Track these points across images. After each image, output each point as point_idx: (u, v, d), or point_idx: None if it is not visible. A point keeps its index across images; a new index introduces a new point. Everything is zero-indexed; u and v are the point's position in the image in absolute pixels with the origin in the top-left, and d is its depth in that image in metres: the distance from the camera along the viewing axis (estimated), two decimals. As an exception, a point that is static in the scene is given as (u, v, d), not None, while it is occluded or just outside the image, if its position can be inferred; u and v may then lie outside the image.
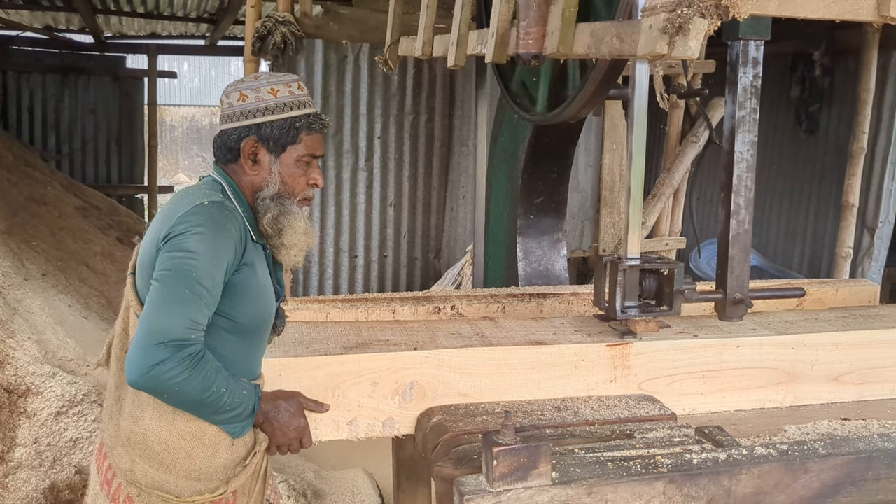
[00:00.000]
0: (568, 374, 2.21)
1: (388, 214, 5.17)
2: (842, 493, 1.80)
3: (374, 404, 2.10)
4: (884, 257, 5.96)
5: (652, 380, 2.27)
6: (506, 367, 2.18)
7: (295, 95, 2.05)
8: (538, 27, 2.13)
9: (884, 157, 5.78)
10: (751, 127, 2.19)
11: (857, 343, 2.42)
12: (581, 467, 1.70)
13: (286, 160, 2.03)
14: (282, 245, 2.03)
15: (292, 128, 2.02)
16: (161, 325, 1.77)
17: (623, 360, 2.25)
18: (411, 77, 5.06)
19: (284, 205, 2.02)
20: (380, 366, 2.11)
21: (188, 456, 1.92)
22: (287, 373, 2.05)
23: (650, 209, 5.32)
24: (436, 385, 2.13)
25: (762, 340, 2.35)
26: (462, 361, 2.15)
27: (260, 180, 2.03)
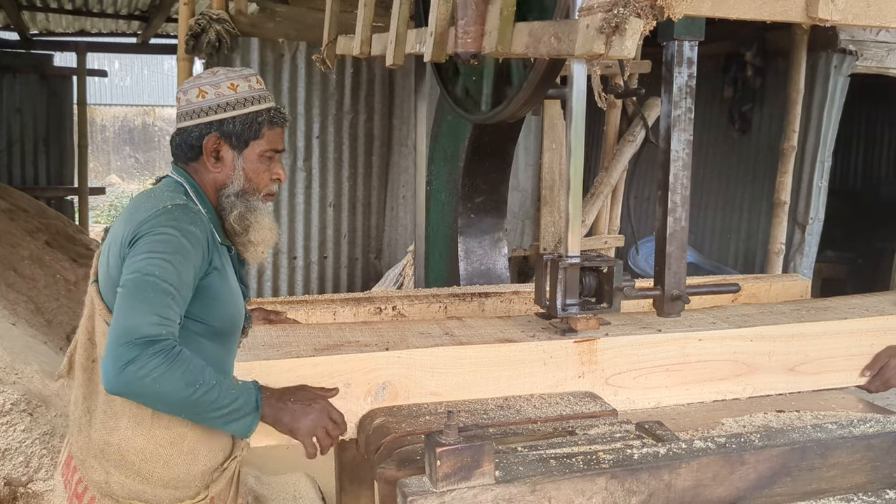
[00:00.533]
0: (537, 370, 2.23)
1: (327, 215, 5.11)
2: (777, 484, 1.84)
3: (346, 406, 2.06)
4: (814, 253, 6.15)
5: (618, 374, 2.30)
6: (476, 365, 2.19)
7: (255, 90, 2.01)
8: (476, 26, 2.13)
9: (813, 156, 5.96)
10: (686, 126, 2.22)
11: (811, 334, 2.49)
12: (524, 465, 1.70)
13: (249, 156, 2.00)
14: (249, 242, 2.00)
15: (254, 123, 1.99)
16: (127, 325, 1.70)
17: (590, 356, 2.27)
18: (350, 76, 5.02)
19: (250, 201, 2.00)
20: (352, 367, 2.09)
21: (166, 464, 1.89)
22: (259, 376, 2.00)
23: (589, 208, 5.39)
24: (408, 385, 2.14)
25: (723, 333, 2.40)
26: (433, 361, 2.16)
27: (223, 178, 1.99)
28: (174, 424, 1.87)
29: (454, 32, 2.22)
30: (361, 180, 5.18)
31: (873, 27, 2.11)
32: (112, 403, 1.87)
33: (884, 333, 2.57)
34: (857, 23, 1.96)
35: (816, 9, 1.89)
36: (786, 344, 2.45)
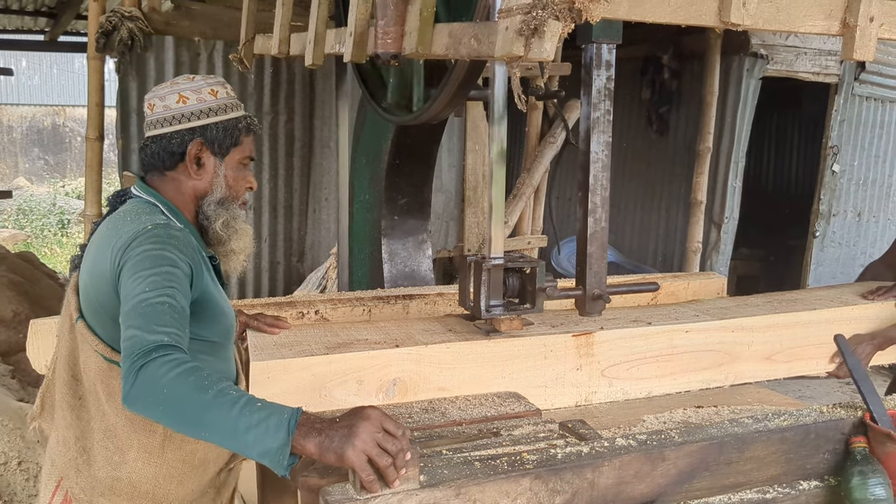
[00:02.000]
0: (539, 364, 2.31)
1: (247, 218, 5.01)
2: (697, 478, 1.88)
3: (359, 402, 2.06)
4: (729, 250, 6.34)
5: (613, 366, 2.40)
6: (481, 360, 2.25)
7: (231, 97, 2.00)
8: (396, 27, 2.11)
9: (728, 156, 6.14)
10: (605, 128, 2.24)
11: (786, 324, 2.65)
12: (449, 468, 1.69)
13: (230, 163, 1.97)
14: (231, 251, 1.97)
15: (235, 129, 1.96)
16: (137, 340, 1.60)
17: (587, 349, 2.37)
18: (269, 76, 4.94)
19: (231, 209, 1.96)
20: (364, 364, 2.13)
21: (180, 482, 1.86)
22: (275, 374, 2.03)
23: (512, 209, 5.42)
24: (417, 380, 2.19)
25: (707, 325, 2.53)
26: (441, 357, 2.21)
27: (205, 185, 1.95)
28: (184, 443, 1.84)
29: (374, 33, 2.19)
30: (282, 182, 5.10)
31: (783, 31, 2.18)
32: (114, 438, 1.81)
33: (849, 322, 2.75)
34: (767, 27, 2.01)
35: (729, 13, 1.93)
36: (763, 334, 2.60)
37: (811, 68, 6.21)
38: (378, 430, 1.52)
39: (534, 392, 2.30)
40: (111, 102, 4.88)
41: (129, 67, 4.59)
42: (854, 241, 7.04)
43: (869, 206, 7.06)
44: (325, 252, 5.15)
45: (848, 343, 2.13)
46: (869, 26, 2.01)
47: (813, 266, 6.80)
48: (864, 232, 7.08)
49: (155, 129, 1.95)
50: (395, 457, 1.53)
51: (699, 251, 6.09)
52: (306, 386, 2.07)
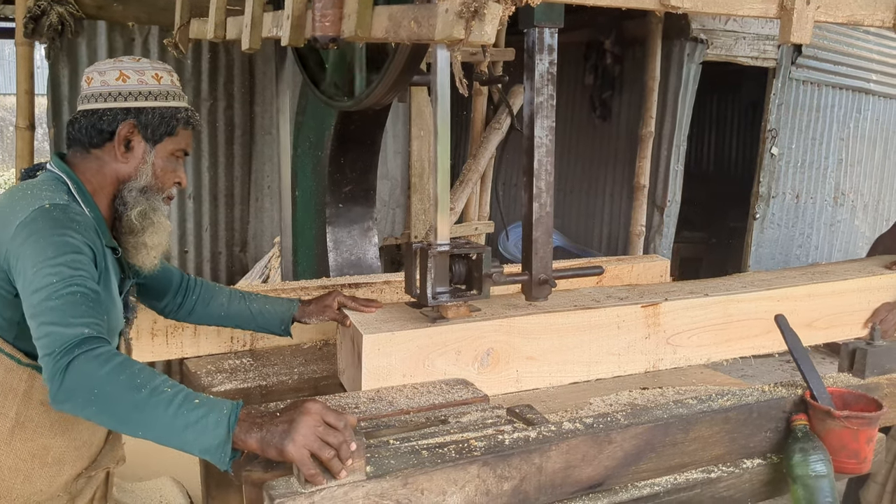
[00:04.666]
0: (612, 333, 2.47)
1: (187, 207, 4.90)
2: (643, 460, 1.89)
3: (457, 371, 2.26)
4: (672, 233, 6.43)
5: (677, 334, 2.57)
6: (563, 330, 2.40)
7: (175, 87, 1.93)
8: (335, 9, 2.06)
9: (670, 141, 6.22)
10: (549, 112, 2.23)
11: (824, 293, 2.88)
12: (396, 458, 1.67)
13: (161, 152, 1.89)
14: (143, 245, 1.88)
15: (173, 118, 1.89)
16: (56, 335, 1.53)
17: (655, 319, 2.53)
18: (207, 61, 4.81)
19: (153, 200, 1.88)
20: (462, 336, 2.27)
21: (27, 479, 1.74)
22: (384, 347, 2.17)
23: (458, 195, 5.41)
24: (507, 350, 2.32)
25: (756, 295, 2.72)
26: (529, 327, 2.35)
27: (130, 170, 1.87)
28: (38, 436, 1.73)
29: (311, 16, 2.14)
30: (223, 170, 4.99)
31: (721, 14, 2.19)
32: None
33: (878, 291, 3.00)
34: (706, 10, 2.02)
35: (669, -4, 1.93)
36: (805, 303, 2.82)
37: (750, 53, 6.31)
38: (319, 423, 1.50)
39: (608, 359, 2.48)
40: (42, 90, 4.72)
41: (59, 53, 4.44)
42: (793, 222, 7.20)
43: (807, 188, 7.22)
44: (269, 241, 5.07)
45: (787, 321, 2.16)
46: (805, 9, 2.03)
47: (753, 247, 6.94)
48: (803, 213, 7.25)
49: (88, 103, 1.87)
50: (339, 449, 1.50)
51: (643, 234, 6.16)
52: (412, 357, 2.21)
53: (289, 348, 2.67)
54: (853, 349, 2.25)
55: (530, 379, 2.38)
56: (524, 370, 2.36)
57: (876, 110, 7.59)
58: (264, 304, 2.33)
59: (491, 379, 2.31)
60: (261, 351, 2.64)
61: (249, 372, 2.44)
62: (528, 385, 2.37)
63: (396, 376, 2.20)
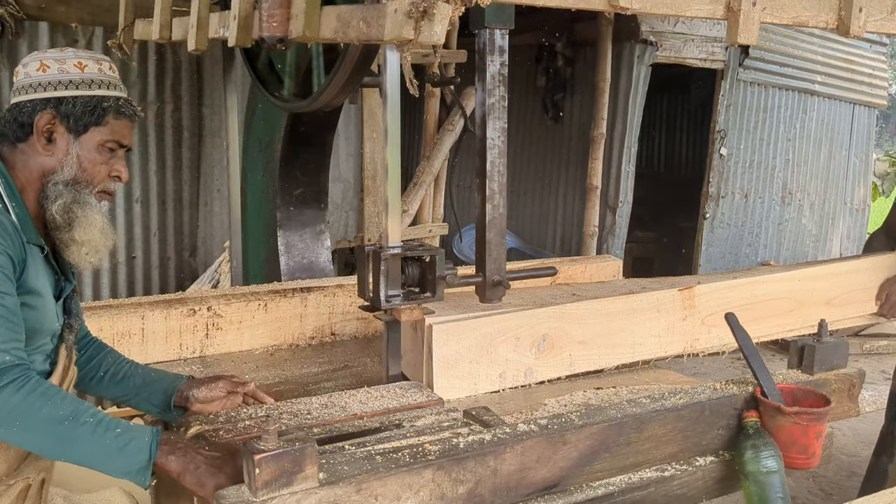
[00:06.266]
0: (653, 316, 2.63)
1: (134, 212, 4.80)
2: (597, 460, 1.89)
3: (517, 357, 2.39)
4: (624, 234, 6.49)
5: (711, 315, 2.73)
6: (609, 315, 2.55)
7: (105, 75, 1.84)
8: (282, 9, 2.03)
9: (621, 142, 6.28)
10: (500, 114, 2.23)
11: (839, 272, 3.15)
12: (349, 464, 1.65)
13: (87, 143, 1.81)
14: (72, 240, 1.79)
15: (98, 107, 1.80)
16: None
17: (690, 301, 2.70)
18: (153, 63, 4.72)
19: (80, 193, 1.79)
20: (521, 323, 2.40)
21: None
22: (453, 335, 2.28)
23: (412, 197, 5.39)
24: (560, 336, 2.44)
25: (780, 276, 2.99)
26: (580, 314, 2.50)
27: (53, 163, 1.79)
28: None
29: (259, 16, 2.11)
30: (171, 174, 4.90)
31: (670, 15, 2.21)
32: None
33: (885, 270, 3.26)
34: (655, 11, 2.03)
35: (618, -3, 1.94)
36: (823, 282, 3.07)
37: (698, 54, 6.41)
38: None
39: (651, 341, 2.64)
40: (-18, 93, 4.59)
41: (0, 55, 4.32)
42: (741, 221, 7.33)
43: (755, 188, 7.36)
44: (219, 246, 4.99)
45: (737, 319, 2.19)
46: (752, 10, 2.06)
47: (704, 246, 7.04)
48: (751, 212, 7.39)
49: (14, 96, 1.82)
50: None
51: (596, 235, 6.21)
52: (477, 344, 2.32)
53: (239, 354, 2.62)
54: (802, 346, 2.28)
55: (582, 362, 2.52)
56: (577, 354, 2.50)
57: (821, 111, 7.77)
58: (150, 374, 2.11)
59: (547, 363, 2.44)
60: (211, 358, 2.59)
61: (199, 379, 2.38)
62: (580, 368, 2.51)
63: (464, 363, 2.31)
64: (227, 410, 2.05)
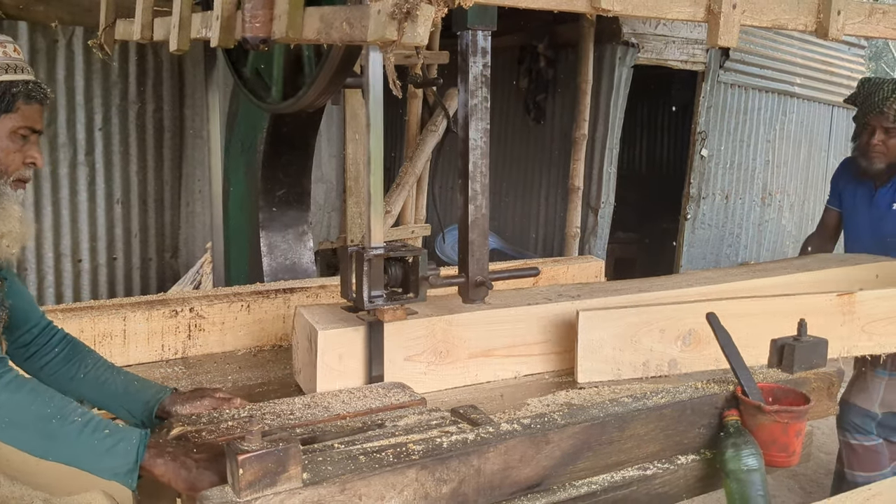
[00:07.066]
0: (810, 321, 2.50)
1: (115, 213, 4.76)
2: (580, 459, 1.90)
3: (661, 348, 2.42)
4: (606, 234, 6.52)
5: (872, 322, 2.74)
6: (768, 313, 2.55)
7: (10, 58, 1.78)
8: (265, 10, 2.03)
9: (603, 143, 6.30)
10: (483, 115, 2.24)
11: None
12: (333, 464, 1.65)
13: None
14: None
15: (7, 94, 1.75)
16: None
17: (850, 307, 2.70)
18: (134, 63, 4.70)
19: None
20: (667, 315, 2.43)
21: None
22: (598, 324, 2.34)
23: (395, 198, 5.39)
24: (708, 332, 2.32)
25: None
26: (731, 310, 2.44)
27: None
28: None
29: (241, 16, 2.10)
30: (152, 174, 4.87)
31: (651, 18, 2.23)
32: None
33: None
34: (636, 13, 2.04)
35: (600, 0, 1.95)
36: None
37: (679, 56, 6.45)
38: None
39: None
40: (-41, 93, 4.53)
41: (-22, 55, 4.27)
42: (722, 222, 7.38)
43: (735, 189, 7.41)
44: (201, 247, 4.97)
45: (718, 319, 2.20)
46: (732, 13, 2.08)
47: (685, 247, 7.09)
48: (732, 213, 7.44)
49: None
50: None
51: (578, 236, 6.23)
52: (621, 333, 2.37)
53: (221, 355, 2.61)
54: (781, 345, 2.31)
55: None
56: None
57: (800, 113, 7.84)
58: (133, 382, 2.06)
59: (692, 357, 2.47)
60: (193, 359, 2.58)
61: (182, 380, 2.38)
62: (725, 364, 2.46)
63: (607, 349, 2.37)
64: (210, 411, 2.04)
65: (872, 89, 3.61)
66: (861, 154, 3.68)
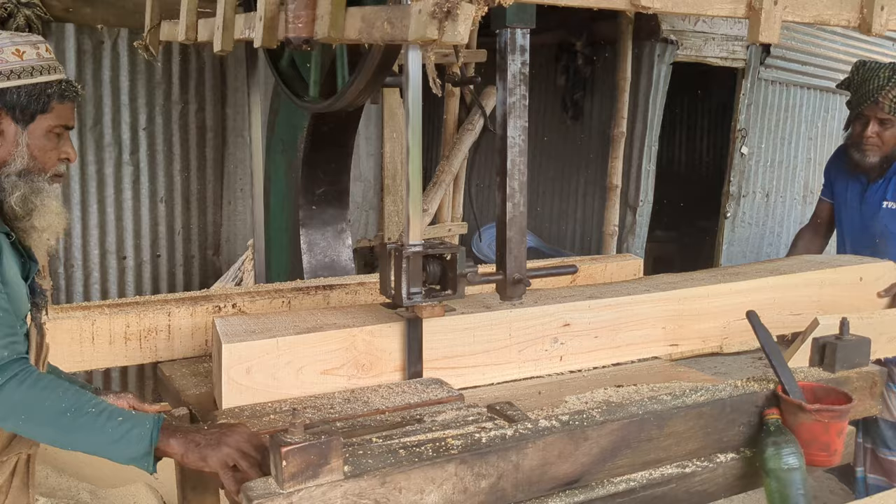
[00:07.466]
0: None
1: (159, 211, 4.85)
2: (618, 456, 1.91)
3: None
4: (645, 233, 6.48)
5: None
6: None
7: (43, 59, 1.83)
8: (307, 11, 2.06)
9: (641, 141, 6.26)
10: (521, 113, 2.25)
11: None
12: (373, 458, 1.67)
13: (35, 131, 1.81)
14: (32, 228, 1.82)
15: (43, 95, 1.80)
16: None
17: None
18: (177, 64, 4.77)
19: (34, 182, 1.81)
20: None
21: None
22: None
23: (431, 196, 5.42)
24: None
25: None
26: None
27: (4, 154, 1.80)
28: None
29: (284, 17, 2.14)
30: (195, 174, 4.95)
31: (691, 15, 2.22)
32: None
33: None
34: (676, 10, 2.04)
35: (640, -3, 1.96)
36: None
37: (719, 53, 6.38)
38: (245, 444, 1.68)
39: None
40: (9, 94, 4.65)
41: (27, 56, 4.37)
42: (763, 220, 7.28)
43: (776, 187, 7.31)
44: (242, 244, 5.04)
45: (758, 318, 2.19)
46: (773, 9, 2.06)
47: (725, 246, 7.01)
48: (772, 211, 7.34)
49: None
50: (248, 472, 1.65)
51: (616, 234, 6.20)
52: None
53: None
54: (823, 344, 2.28)
55: None
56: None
57: (843, 109, 7.67)
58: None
59: None
60: (236, 354, 2.62)
61: (224, 375, 2.42)
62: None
63: None
64: (252, 405, 2.07)
65: (867, 76, 3.36)
66: (854, 146, 3.46)
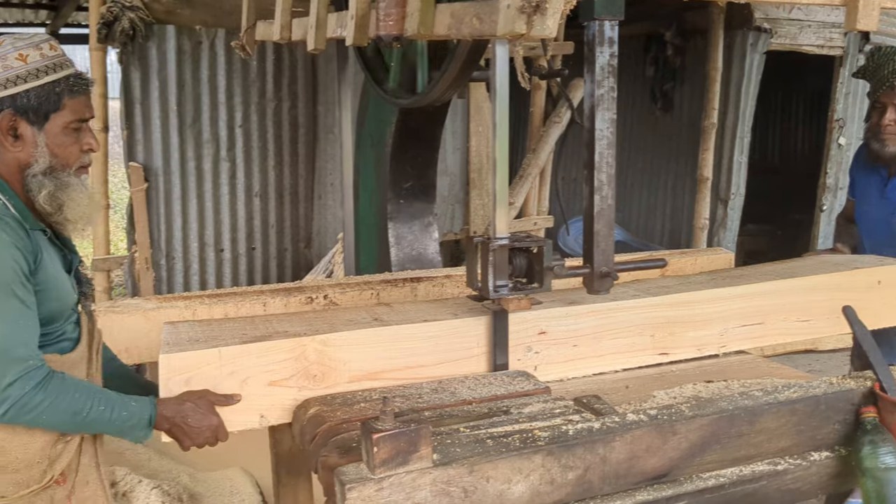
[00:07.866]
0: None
1: (254, 205, 5.02)
2: (708, 451, 1.89)
3: None
4: (736, 226, 6.32)
5: None
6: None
7: (48, 58, 1.87)
8: (398, 8, 2.10)
9: (733, 132, 6.11)
10: (609, 105, 2.23)
11: None
12: (461, 447, 1.71)
13: (52, 130, 1.87)
14: (66, 220, 1.89)
15: (52, 94, 1.85)
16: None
17: None
18: (271, 62, 4.92)
19: (60, 178, 1.87)
20: None
21: (1, 451, 1.80)
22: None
23: (518, 190, 5.42)
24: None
25: None
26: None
27: (26, 157, 1.85)
28: None
29: (375, 15, 2.19)
30: (287, 169, 5.10)
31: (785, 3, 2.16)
32: None
33: None
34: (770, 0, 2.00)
35: (731, -15, 1.92)
36: None
37: (815, 41, 6.16)
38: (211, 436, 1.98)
39: None
40: (115, 94, 4.88)
41: (131, 58, 4.59)
42: (861, 214, 7.00)
43: (875, 179, 7.01)
44: (332, 237, 5.16)
45: (855, 313, 2.13)
46: (872, -5, 2.00)
47: (820, 240, 6.78)
48: (872, 204, 7.04)
49: None
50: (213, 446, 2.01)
51: (706, 228, 6.07)
52: None
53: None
54: (924, 341, 2.20)
55: None
56: None
57: (948, 98, 7.32)
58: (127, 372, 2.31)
59: None
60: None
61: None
62: None
63: None
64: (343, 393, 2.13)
65: (882, 61, 3.17)
66: (872, 136, 3.24)
